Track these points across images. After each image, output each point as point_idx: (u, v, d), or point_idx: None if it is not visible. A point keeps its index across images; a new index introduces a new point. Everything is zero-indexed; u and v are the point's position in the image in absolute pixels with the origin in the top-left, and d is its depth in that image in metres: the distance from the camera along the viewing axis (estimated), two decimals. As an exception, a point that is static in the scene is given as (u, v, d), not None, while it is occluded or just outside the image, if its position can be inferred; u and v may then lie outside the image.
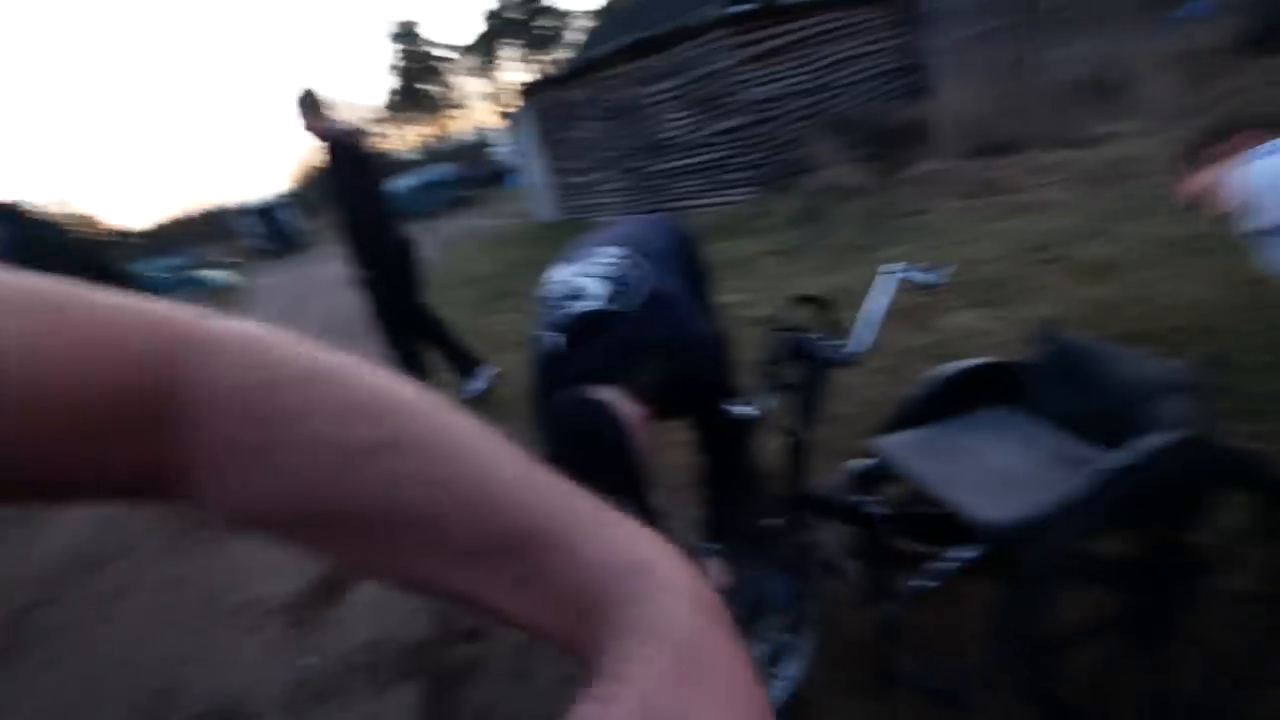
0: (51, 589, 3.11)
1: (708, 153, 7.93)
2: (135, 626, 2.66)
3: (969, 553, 1.24)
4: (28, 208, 3.56)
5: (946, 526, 1.28)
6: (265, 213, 22.32)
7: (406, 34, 36.14)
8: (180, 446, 0.27)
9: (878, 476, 1.47)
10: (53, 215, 3.45)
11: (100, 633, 2.69)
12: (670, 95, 8.11)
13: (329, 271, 3.28)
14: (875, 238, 4.86)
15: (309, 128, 3.17)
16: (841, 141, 6.77)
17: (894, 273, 1.49)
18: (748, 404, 1.39)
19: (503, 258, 8.38)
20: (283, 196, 24.71)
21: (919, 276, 1.48)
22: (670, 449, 1.80)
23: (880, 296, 1.44)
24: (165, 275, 13.32)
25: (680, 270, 1.48)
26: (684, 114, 8.03)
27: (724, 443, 1.38)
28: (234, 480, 0.27)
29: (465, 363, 3.64)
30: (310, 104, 3.12)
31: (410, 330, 3.51)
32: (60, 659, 2.59)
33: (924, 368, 1.68)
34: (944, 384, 1.52)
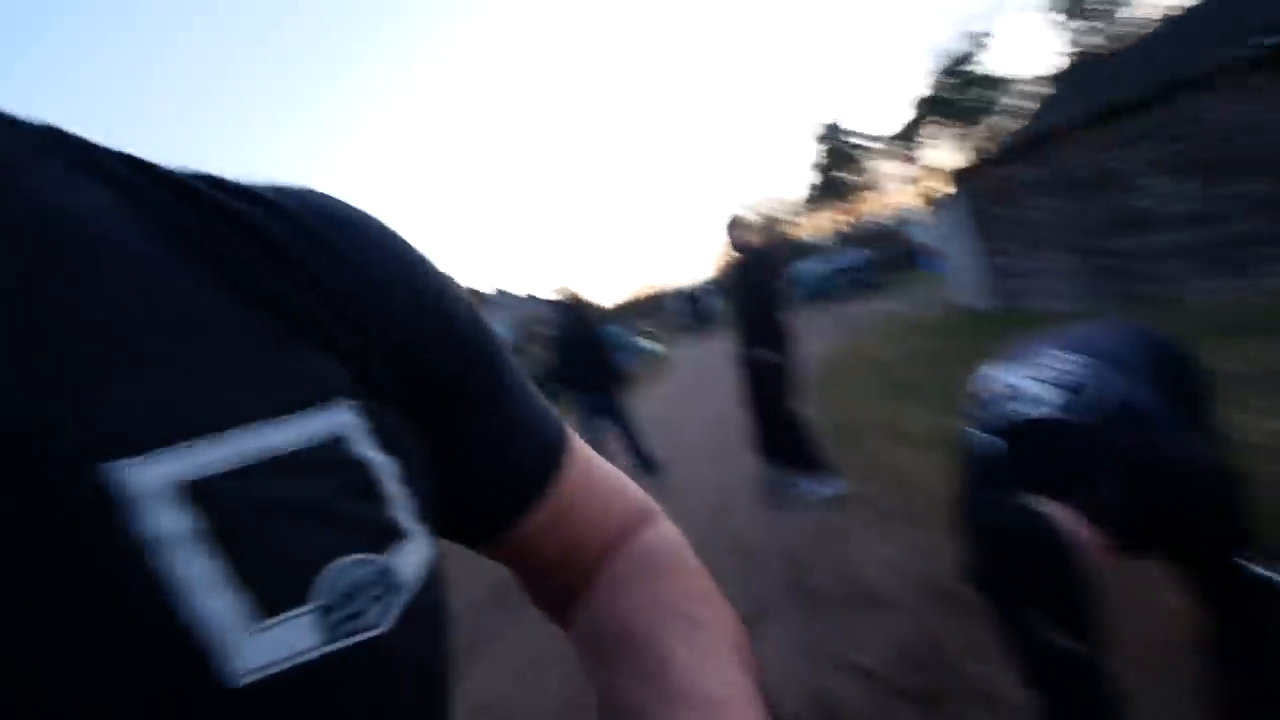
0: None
1: (1212, 226, 6.09)
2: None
3: None
4: (575, 296, 5.08)
5: None
6: (690, 296, 26.93)
7: (830, 133, 38.65)
8: (592, 572, 0.42)
9: None
10: (578, 299, 4.98)
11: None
12: (1153, 159, 6.61)
13: (729, 349, 3.75)
14: None
15: (732, 242, 3.88)
16: None
17: None
18: (1272, 564, 1.04)
19: (909, 346, 8.04)
20: (705, 282, 29.02)
21: None
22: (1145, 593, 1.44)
23: None
24: (618, 342, 17.08)
25: (1161, 386, 1.22)
26: (1174, 180, 6.42)
27: (1231, 605, 1.05)
28: (597, 596, 0.40)
29: (816, 465, 3.84)
30: (735, 224, 3.87)
31: (777, 417, 3.88)
32: (525, 621, 3.24)
33: None
34: None
